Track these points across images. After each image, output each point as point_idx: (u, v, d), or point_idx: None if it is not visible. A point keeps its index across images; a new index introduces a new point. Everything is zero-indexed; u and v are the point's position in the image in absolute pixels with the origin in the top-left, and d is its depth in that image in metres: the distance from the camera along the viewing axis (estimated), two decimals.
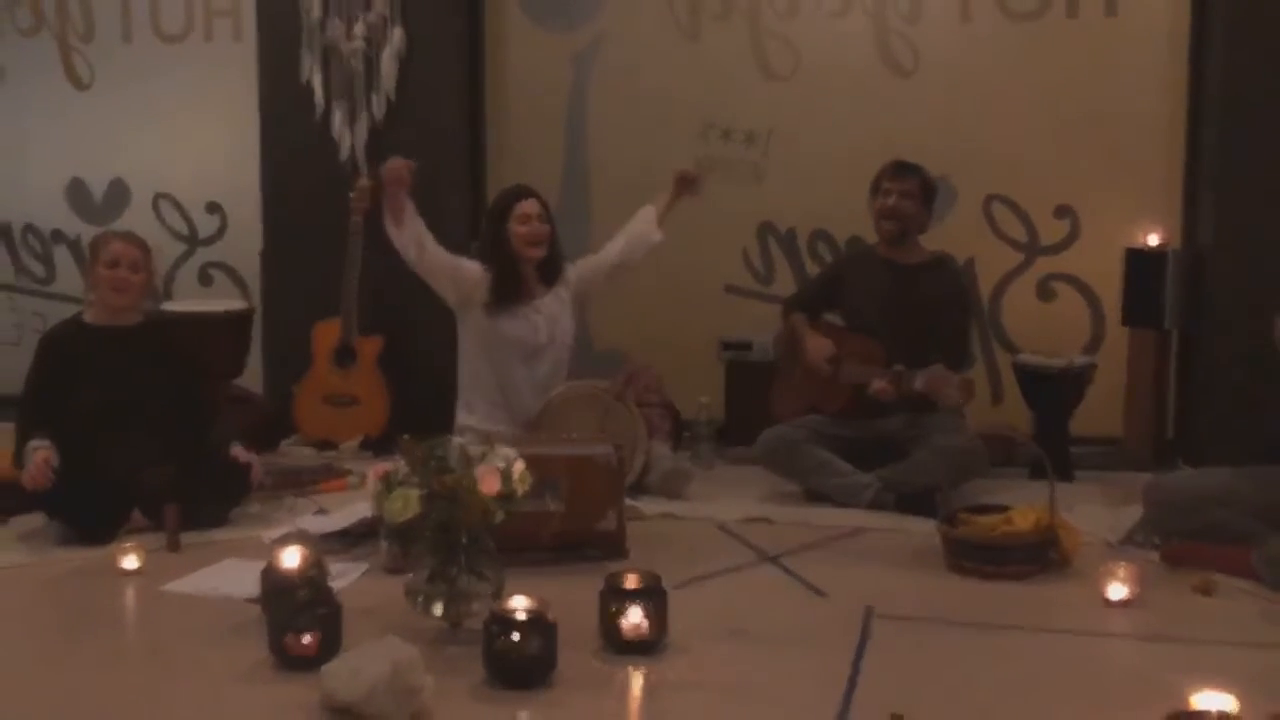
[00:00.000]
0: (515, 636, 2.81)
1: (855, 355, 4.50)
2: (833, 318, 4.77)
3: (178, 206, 6.01)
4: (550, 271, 4.68)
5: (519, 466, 3.12)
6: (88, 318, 4.27)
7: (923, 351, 4.25)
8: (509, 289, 4.59)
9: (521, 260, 4.59)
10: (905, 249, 4.60)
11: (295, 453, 5.17)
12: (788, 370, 4.76)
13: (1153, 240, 4.96)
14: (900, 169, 4.58)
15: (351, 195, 5.13)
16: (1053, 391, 4.78)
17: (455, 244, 5.33)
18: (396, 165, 4.38)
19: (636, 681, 2.92)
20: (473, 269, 4.63)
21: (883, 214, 4.57)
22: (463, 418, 4.64)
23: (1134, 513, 4.02)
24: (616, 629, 3.02)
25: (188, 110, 5.88)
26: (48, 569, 3.78)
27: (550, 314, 4.66)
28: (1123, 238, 5.02)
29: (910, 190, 4.53)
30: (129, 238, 4.30)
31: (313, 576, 3.18)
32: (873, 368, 4.37)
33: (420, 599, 3.07)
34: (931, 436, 4.31)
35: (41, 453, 3.92)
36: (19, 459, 4.00)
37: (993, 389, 5.30)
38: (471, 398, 4.68)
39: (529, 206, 4.57)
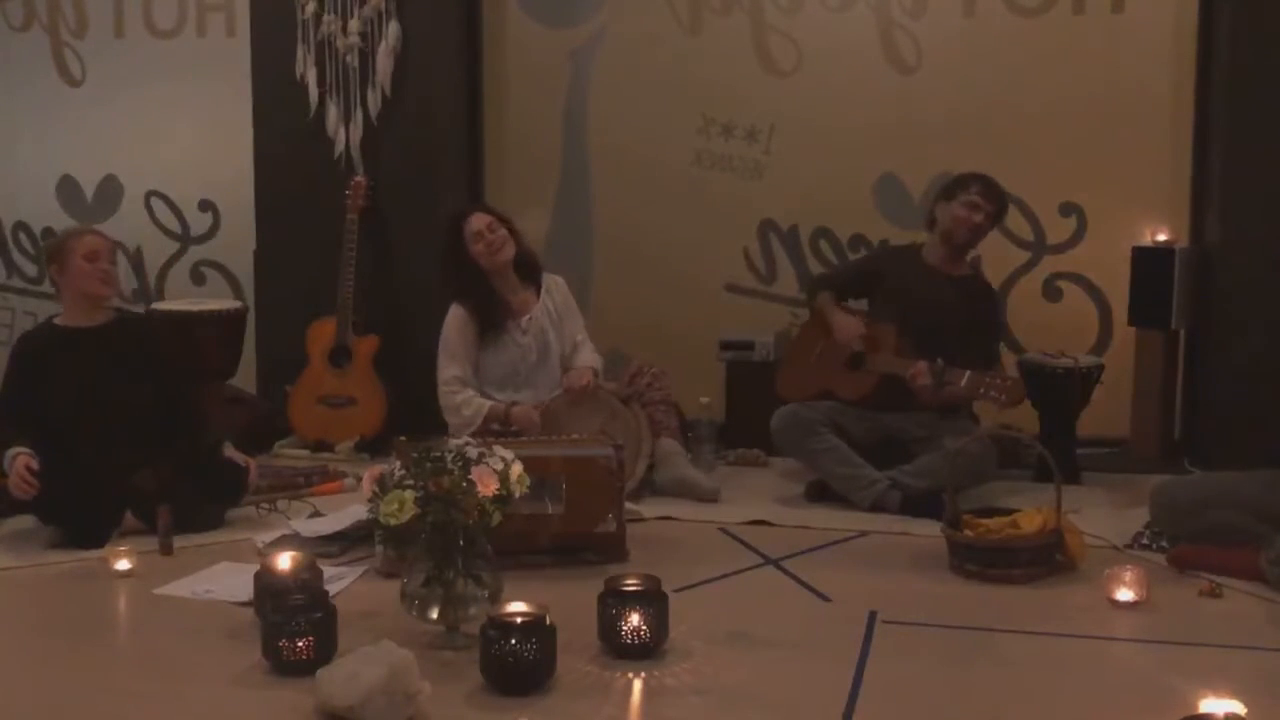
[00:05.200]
0: (513, 641, 2.78)
1: (883, 345, 4.46)
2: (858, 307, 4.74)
3: (170, 204, 5.96)
4: (528, 272, 4.58)
5: (517, 468, 3.09)
6: (59, 320, 4.19)
7: (948, 362, 4.20)
8: (494, 312, 4.49)
9: (493, 274, 4.50)
10: (955, 260, 4.56)
11: (290, 454, 5.11)
12: (804, 350, 4.71)
13: (1160, 238, 4.92)
14: (992, 189, 4.48)
15: (346, 193, 5.09)
16: (1059, 392, 4.73)
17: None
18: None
19: (636, 687, 2.89)
20: (456, 324, 4.49)
21: (961, 224, 4.47)
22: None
23: (1141, 515, 3.99)
24: (616, 633, 2.99)
25: (180, 106, 5.84)
26: (38, 572, 3.75)
27: (539, 329, 4.57)
28: (1130, 236, 4.98)
29: (994, 212, 4.50)
30: (95, 230, 4.26)
31: (307, 580, 3.17)
32: (905, 360, 4.32)
33: (416, 603, 3.04)
34: (943, 439, 4.26)
35: (21, 459, 3.87)
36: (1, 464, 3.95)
37: None
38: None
39: (476, 223, 4.48)
